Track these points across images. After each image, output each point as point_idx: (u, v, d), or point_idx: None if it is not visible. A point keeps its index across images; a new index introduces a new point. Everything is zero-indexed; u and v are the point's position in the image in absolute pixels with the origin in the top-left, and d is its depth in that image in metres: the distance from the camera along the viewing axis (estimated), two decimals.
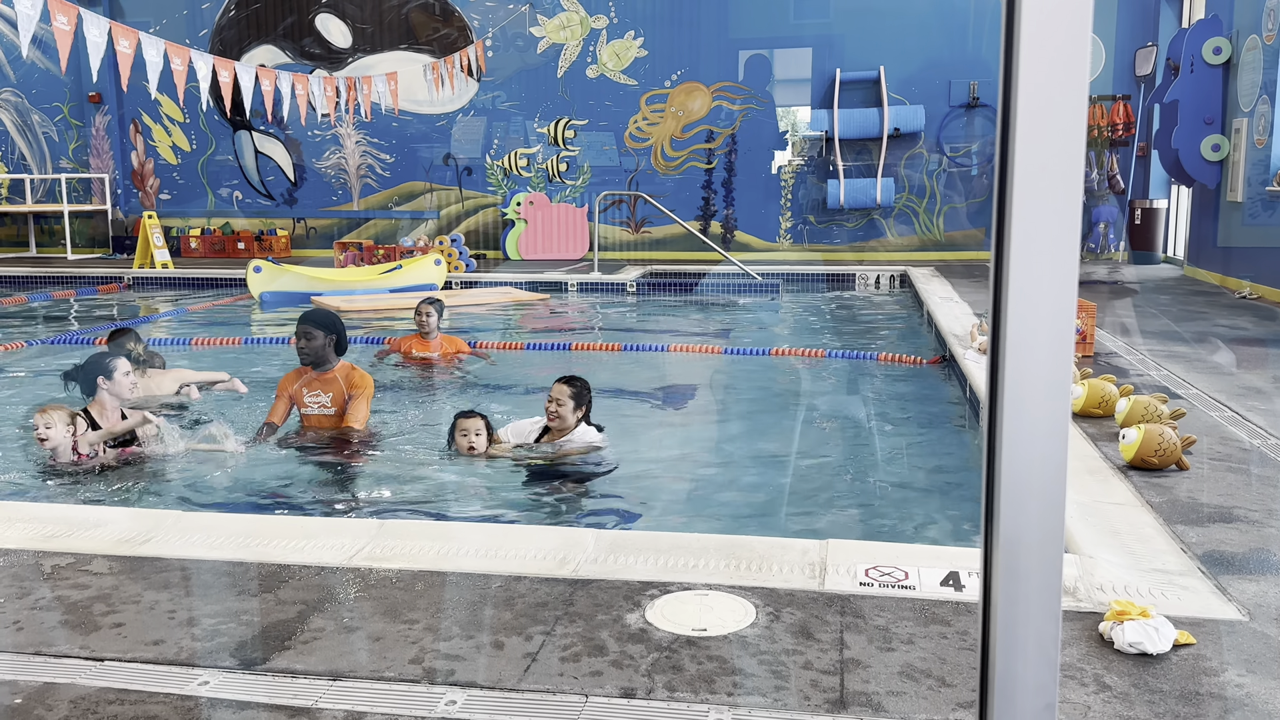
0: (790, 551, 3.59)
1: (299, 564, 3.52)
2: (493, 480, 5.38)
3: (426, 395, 7.55)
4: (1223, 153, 12.56)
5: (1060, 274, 1.04)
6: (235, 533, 3.85)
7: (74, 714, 2.57)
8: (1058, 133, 1.03)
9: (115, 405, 5.68)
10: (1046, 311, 1.05)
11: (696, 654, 2.85)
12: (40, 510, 4.22)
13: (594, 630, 3.00)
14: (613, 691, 2.66)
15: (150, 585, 3.36)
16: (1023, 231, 1.06)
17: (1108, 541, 3.68)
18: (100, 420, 5.62)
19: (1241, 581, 3.34)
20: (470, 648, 2.91)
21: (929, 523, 4.86)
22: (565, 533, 3.97)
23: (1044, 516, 1.08)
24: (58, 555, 3.62)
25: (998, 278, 1.07)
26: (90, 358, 5.80)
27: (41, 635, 3.01)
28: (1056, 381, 1.06)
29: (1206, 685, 2.67)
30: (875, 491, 5.37)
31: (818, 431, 6.64)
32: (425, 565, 3.50)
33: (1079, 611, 3.10)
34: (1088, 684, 2.67)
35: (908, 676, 2.73)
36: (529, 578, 3.39)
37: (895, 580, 3.33)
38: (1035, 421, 1.07)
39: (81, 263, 16.75)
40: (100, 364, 5.67)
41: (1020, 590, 1.09)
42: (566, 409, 5.45)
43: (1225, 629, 3.00)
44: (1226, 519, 3.95)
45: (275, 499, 5.21)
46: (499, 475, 5.43)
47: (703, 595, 3.23)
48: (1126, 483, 4.40)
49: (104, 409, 5.65)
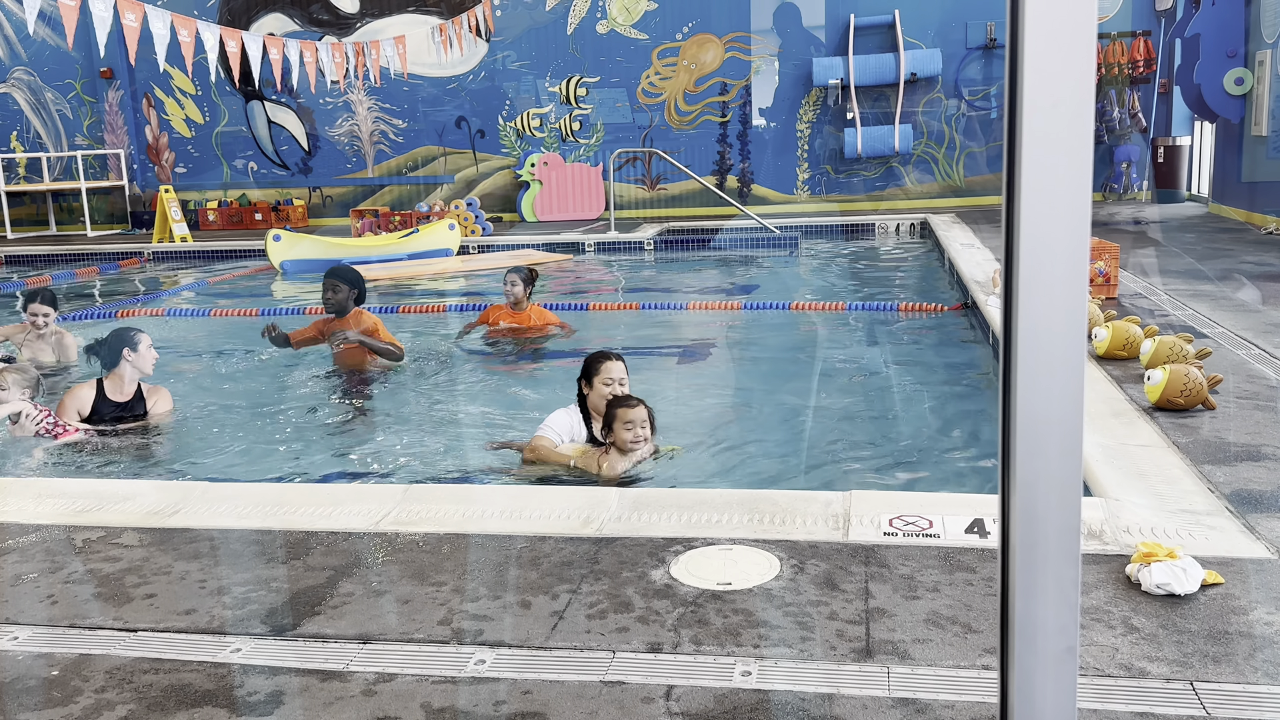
0: (813, 504, 3.58)
1: (326, 530, 3.56)
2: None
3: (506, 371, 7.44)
4: (1246, 86, 12.30)
5: (1073, 212, 1.02)
6: (262, 501, 3.88)
7: (110, 684, 2.61)
8: (1067, 67, 1.00)
9: (134, 377, 5.74)
10: (1060, 250, 1.03)
11: (722, 608, 2.86)
12: (69, 485, 4.27)
13: (619, 587, 3.02)
14: (639, 647, 2.68)
15: (180, 556, 3.40)
16: (1034, 171, 1.03)
17: (1134, 484, 3.66)
18: (113, 393, 5.68)
19: (1270, 519, 3.32)
20: (497, 608, 2.93)
21: (953, 471, 4.85)
22: (588, 492, 3.98)
23: (1061, 458, 1.06)
24: (89, 529, 3.67)
25: (1010, 217, 1.05)
26: (114, 331, 5.86)
27: (76, 608, 3.05)
28: (1072, 320, 1.04)
29: (1235, 624, 2.66)
30: (898, 441, 5.36)
31: (839, 383, 6.61)
32: (451, 528, 3.53)
33: (1105, 554, 3.09)
34: (1115, 626, 2.67)
35: (933, 624, 2.73)
36: (554, 537, 3.41)
37: (919, 529, 3.33)
38: (1051, 362, 1.05)
39: (101, 239, 16.84)
40: (125, 336, 5.73)
41: (1039, 533, 1.08)
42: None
43: (1254, 568, 2.98)
44: (1254, 457, 3.91)
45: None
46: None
47: (727, 550, 3.24)
48: (1152, 424, 4.36)
49: (121, 381, 5.70)
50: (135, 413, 5.74)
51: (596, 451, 4.69)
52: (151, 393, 5.86)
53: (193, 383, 7.07)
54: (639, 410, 4.61)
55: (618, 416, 4.59)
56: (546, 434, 4.84)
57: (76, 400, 5.64)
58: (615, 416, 4.60)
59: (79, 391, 5.69)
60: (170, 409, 5.92)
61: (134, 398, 5.76)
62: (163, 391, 5.95)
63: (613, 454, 4.60)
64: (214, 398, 6.57)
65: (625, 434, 4.57)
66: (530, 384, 6.85)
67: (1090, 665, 2.49)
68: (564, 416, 4.93)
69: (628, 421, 4.57)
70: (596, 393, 4.86)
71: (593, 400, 4.91)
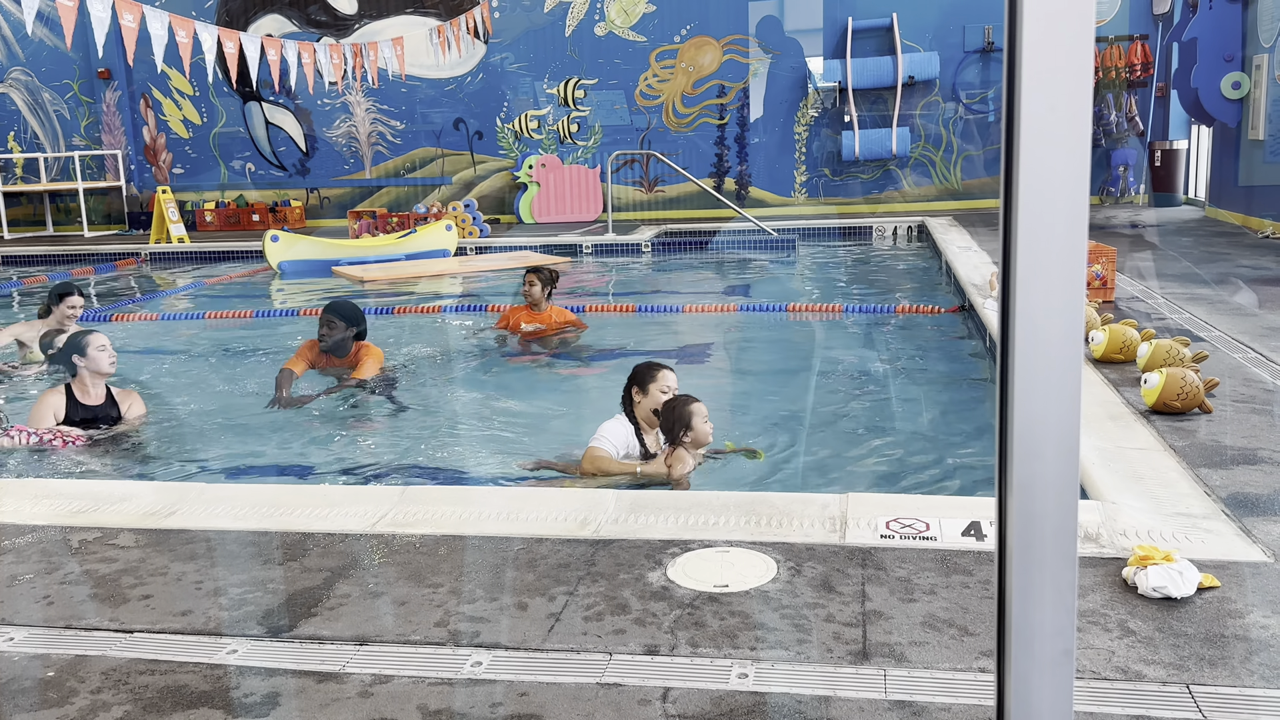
0: (811, 506, 3.58)
1: (323, 532, 3.55)
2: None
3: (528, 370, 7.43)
4: (1243, 90, 12.32)
5: (1071, 215, 1.02)
6: (259, 502, 3.88)
7: (105, 685, 2.61)
8: (1065, 70, 1.01)
9: (96, 380, 5.66)
10: (1058, 253, 1.03)
11: (719, 610, 2.86)
12: (66, 486, 4.27)
13: (616, 589, 3.02)
14: (636, 649, 2.67)
15: (177, 557, 3.40)
16: (1032, 174, 1.03)
17: (1131, 487, 3.66)
18: (81, 397, 5.62)
19: (1266, 523, 3.32)
20: (494, 609, 2.93)
21: (950, 474, 4.85)
22: (586, 494, 3.98)
23: (1058, 461, 1.07)
24: (85, 530, 3.67)
25: (1007, 220, 1.05)
26: (69, 337, 5.83)
27: (71, 609, 3.05)
28: (1069, 323, 1.04)
29: (1231, 627, 2.66)
30: (896, 444, 5.36)
31: (836, 386, 6.62)
32: (448, 530, 3.52)
33: (1102, 557, 3.10)
34: (1112, 629, 2.67)
35: (930, 627, 2.73)
36: (551, 539, 3.40)
37: (916, 532, 3.33)
38: (1048, 365, 1.05)
39: (98, 240, 16.82)
40: (74, 341, 5.67)
41: (1035, 535, 1.08)
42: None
43: (1250, 571, 2.99)
44: (1250, 461, 3.92)
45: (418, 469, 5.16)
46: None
47: (724, 552, 3.24)
48: (1149, 427, 4.37)
49: (86, 385, 5.64)
50: (109, 416, 5.67)
51: (665, 453, 4.67)
52: (124, 397, 5.79)
53: (203, 384, 7.06)
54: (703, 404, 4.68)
55: (695, 412, 4.61)
56: (603, 445, 4.75)
57: (49, 406, 5.55)
58: (693, 413, 4.61)
59: (49, 398, 5.61)
60: (144, 412, 5.85)
61: (105, 401, 5.68)
62: (134, 395, 5.90)
63: (680, 454, 4.60)
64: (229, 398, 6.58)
65: (705, 427, 4.62)
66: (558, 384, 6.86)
67: (1087, 668, 2.50)
68: (618, 427, 4.84)
69: (705, 416, 4.62)
70: (652, 400, 4.80)
71: (645, 407, 4.84)
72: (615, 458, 4.73)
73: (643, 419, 4.86)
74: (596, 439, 4.79)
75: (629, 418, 4.88)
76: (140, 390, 6.23)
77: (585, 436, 4.91)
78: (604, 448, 4.74)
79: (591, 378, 7.10)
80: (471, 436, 5.73)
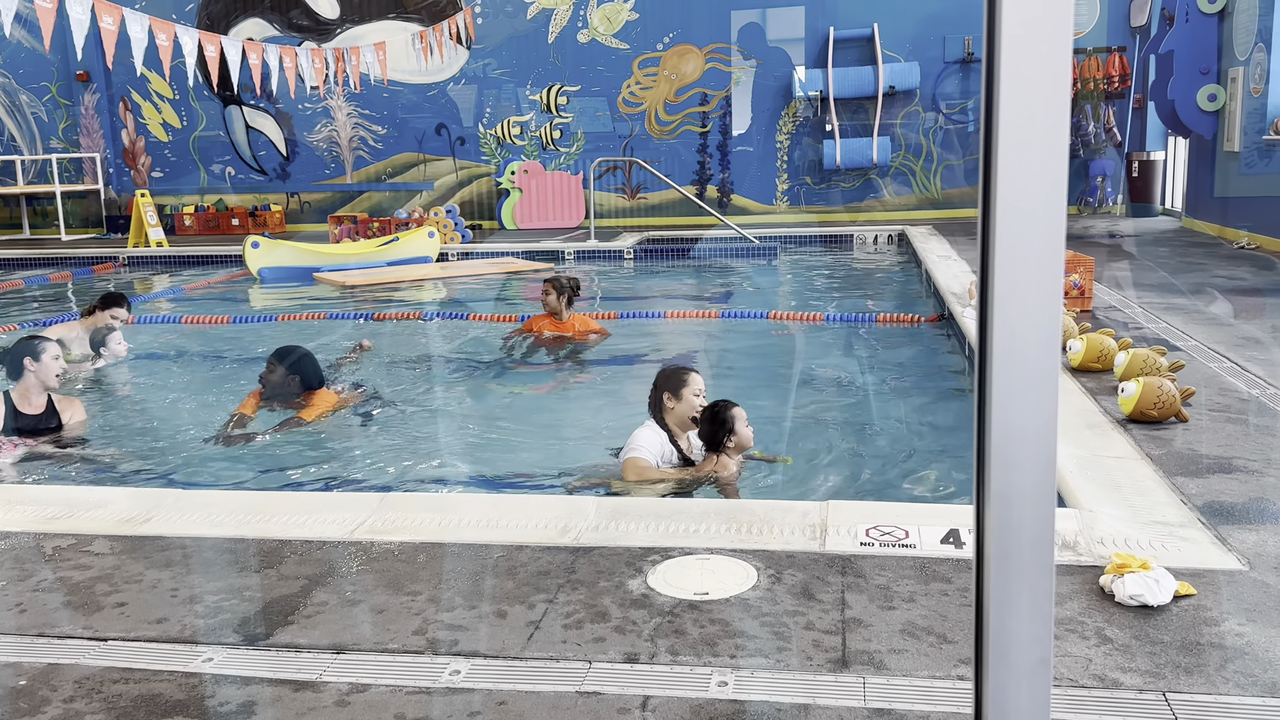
0: (791, 514, 3.59)
1: (300, 539, 3.53)
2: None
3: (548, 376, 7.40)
4: (1219, 102, 12.45)
5: (1048, 224, 1.03)
6: (236, 509, 3.85)
7: (78, 694, 2.58)
8: (1043, 81, 1.01)
9: (40, 389, 5.55)
10: (1036, 262, 1.03)
11: (699, 618, 2.86)
12: (40, 492, 4.23)
13: (596, 597, 3.01)
14: (616, 657, 2.67)
15: (152, 564, 3.37)
16: (1010, 183, 1.04)
17: (1108, 495, 3.68)
18: (21, 405, 5.51)
19: (1241, 531, 3.35)
20: (473, 618, 2.91)
21: (930, 482, 4.86)
22: (566, 501, 3.97)
23: (1035, 470, 1.07)
24: (59, 536, 3.63)
25: (986, 229, 1.06)
26: (20, 340, 5.73)
27: (44, 616, 3.01)
28: (1047, 332, 1.04)
29: (1207, 635, 2.68)
30: (875, 452, 5.37)
31: (817, 394, 6.63)
32: (427, 537, 3.51)
33: (1079, 565, 3.11)
34: (1089, 637, 2.68)
35: (909, 634, 2.73)
36: (530, 546, 3.39)
37: (896, 539, 3.34)
38: (1026, 374, 1.06)
39: (75, 243, 16.68)
40: (28, 346, 5.57)
41: (1013, 544, 1.09)
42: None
43: (1225, 579, 3.01)
44: (1226, 469, 3.95)
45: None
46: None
47: (704, 559, 3.24)
48: (1126, 436, 4.40)
49: (28, 393, 5.53)
50: (49, 425, 5.56)
51: (709, 458, 4.64)
52: (65, 406, 5.68)
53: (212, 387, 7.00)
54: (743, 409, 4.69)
55: (737, 417, 4.61)
56: (642, 454, 4.64)
57: None
58: (735, 418, 4.61)
59: None
60: (83, 420, 5.73)
61: (46, 410, 5.58)
62: (75, 403, 5.79)
63: (724, 458, 4.61)
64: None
65: (747, 431, 4.63)
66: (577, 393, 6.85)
67: (1064, 676, 2.51)
68: (652, 435, 4.73)
69: (746, 421, 4.63)
70: (686, 405, 4.76)
71: (680, 413, 4.78)
72: (655, 465, 4.65)
73: (675, 424, 4.79)
74: (633, 449, 4.66)
75: (659, 424, 4.81)
76: (113, 396, 6.16)
77: (575, 441, 4.89)
78: (644, 456, 4.63)
79: (577, 385, 7.10)
80: (452, 443, 5.71)
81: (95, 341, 7.37)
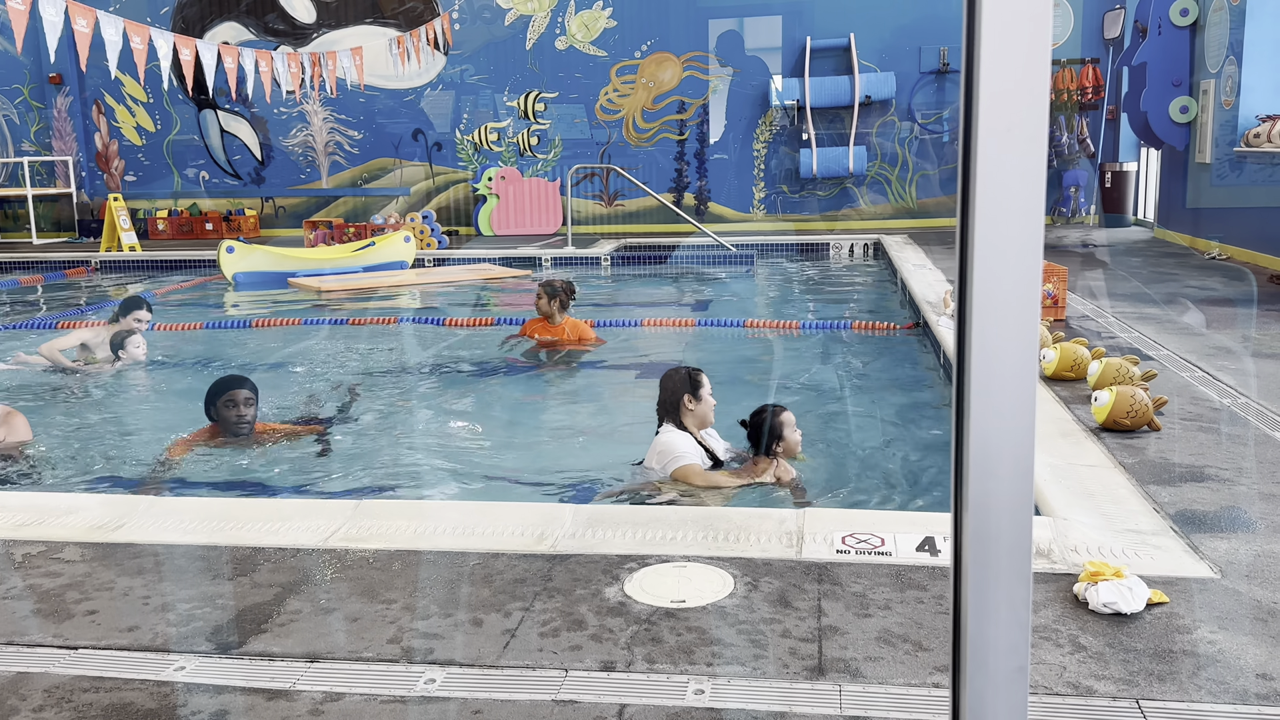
0: (767, 521, 3.59)
1: (274, 546, 3.50)
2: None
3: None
4: (1191, 114, 12.60)
5: (1026, 234, 1.03)
6: (209, 516, 3.81)
7: (48, 703, 2.54)
8: (1022, 91, 1.02)
9: None
10: (1013, 272, 1.04)
11: (676, 625, 2.86)
12: (10, 499, 4.17)
13: (573, 605, 3.00)
14: (592, 665, 2.66)
15: (123, 571, 3.33)
16: (988, 193, 1.04)
17: (1081, 503, 3.71)
18: None
19: (1213, 539, 3.38)
20: (449, 626, 2.90)
21: (905, 490, 4.88)
22: (542, 508, 3.96)
23: (1013, 479, 1.07)
24: (29, 543, 3.58)
25: (964, 238, 1.06)
26: None
27: (14, 624, 2.97)
28: (1024, 341, 1.05)
29: (1180, 643, 2.70)
30: (851, 459, 5.39)
31: (792, 401, 6.64)
32: (402, 545, 3.48)
33: (1053, 573, 3.13)
34: (1063, 645, 2.70)
35: (885, 642, 2.74)
36: (507, 554, 3.38)
37: (872, 547, 3.35)
38: (1003, 383, 1.06)
39: (47, 247, 16.50)
40: None
41: (990, 553, 1.09)
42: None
43: (1198, 587, 3.03)
44: (1198, 478, 3.99)
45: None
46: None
47: (681, 567, 3.24)
48: (1099, 445, 4.43)
49: None
50: None
51: (765, 462, 4.65)
52: (3, 418, 5.46)
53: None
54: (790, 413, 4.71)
55: (785, 422, 4.65)
56: (694, 459, 4.64)
57: None
58: (784, 423, 4.65)
59: None
60: (28, 438, 5.50)
61: None
62: (18, 416, 5.55)
63: (779, 461, 4.64)
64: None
65: (795, 435, 4.69)
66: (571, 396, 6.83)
67: (1039, 683, 2.52)
68: (686, 440, 4.72)
69: (793, 425, 4.68)
70: (706, 404, 4.80)
71: (701, 413, 4.79)
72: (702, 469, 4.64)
73: (694, 425, 4.81)
74: (680, 456, 4.62)
75: (680, 427, 4.79)
76: (80, 400, 6.08)
77: (567, 445, 4.86)
78: (697, 461, 4.65)
79: (556, 391, 7.08)
80: (428, 449, 5.68)
81: (115, 344, 7.57)
